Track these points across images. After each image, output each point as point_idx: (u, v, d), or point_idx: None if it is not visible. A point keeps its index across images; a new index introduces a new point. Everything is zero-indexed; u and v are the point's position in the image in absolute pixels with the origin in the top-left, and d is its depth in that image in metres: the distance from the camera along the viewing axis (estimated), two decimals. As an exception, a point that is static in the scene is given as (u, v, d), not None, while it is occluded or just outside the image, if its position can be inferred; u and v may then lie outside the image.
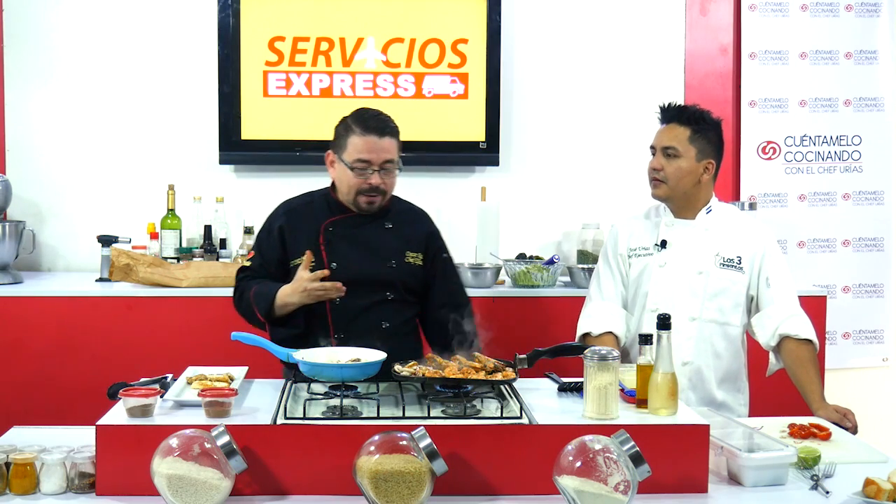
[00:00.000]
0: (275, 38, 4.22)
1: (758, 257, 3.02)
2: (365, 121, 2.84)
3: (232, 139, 4.22)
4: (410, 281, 2.93)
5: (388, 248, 2.91)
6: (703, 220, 3.05)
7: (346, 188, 2.87)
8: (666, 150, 2.99)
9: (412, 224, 2.99)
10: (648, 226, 3.11)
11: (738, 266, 3.00)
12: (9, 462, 2.14)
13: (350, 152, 2.83)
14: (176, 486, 2.01)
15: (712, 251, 3.01)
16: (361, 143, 2.82)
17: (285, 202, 3.03)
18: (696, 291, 2.99)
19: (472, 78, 4.28)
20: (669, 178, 3.00)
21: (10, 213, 4.18)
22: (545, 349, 2.61)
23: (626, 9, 4.42)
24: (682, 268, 3.01)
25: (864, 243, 4.50)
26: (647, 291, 3.03)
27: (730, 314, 3.01)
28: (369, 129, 2.82)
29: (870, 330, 4.50)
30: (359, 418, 2.23)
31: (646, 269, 3.05)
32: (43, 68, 4.25)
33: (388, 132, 2.84)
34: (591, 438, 2.03)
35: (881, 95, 4.48)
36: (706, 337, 2.99)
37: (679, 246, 3.03)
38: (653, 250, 3.05)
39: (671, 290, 3.00)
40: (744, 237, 3.04)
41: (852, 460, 2.40)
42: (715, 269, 3.00)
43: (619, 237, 3.13)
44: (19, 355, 3.72)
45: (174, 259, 4.08)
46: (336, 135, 2.91)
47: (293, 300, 2.78)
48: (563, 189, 4.42)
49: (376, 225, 2.93)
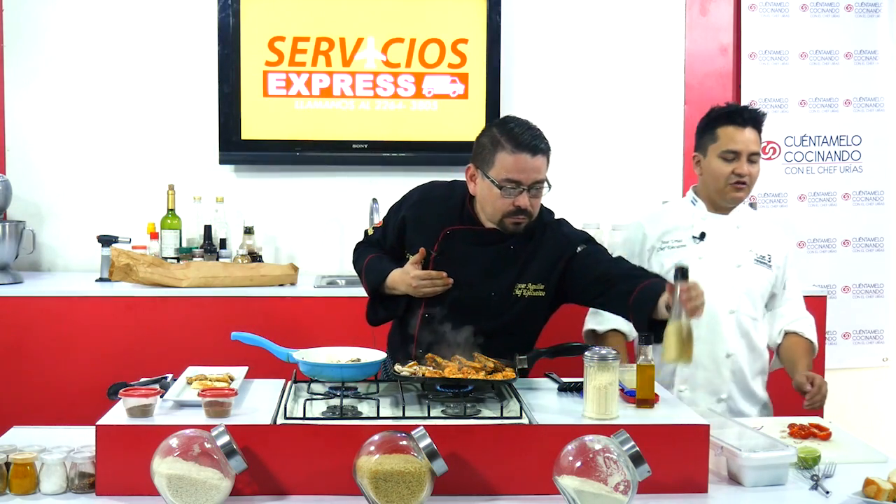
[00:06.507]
0: (275, 38, 4.22)
1: (783, 258, 3.05)
2: (517, 136, 2.56)
3: (232, 139, 4.22)
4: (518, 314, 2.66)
5: (498, 276, 2.65)
6: (735, 216, 3.05)
7: (491, 209, 2.62)
8: (752, 155, 2.96)
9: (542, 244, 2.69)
10: (679, 218, 3.07)
11: (768, 263, 3.03)
12: (9, 462, 2.14)
13: (498, 170, 2.56)
14: (176, 486, 2.01)
15: (746, 247, 3.02)
16: (512, 162, 2.54)
17: (425, 186, 2.84)
18: (735, 285, 2.98)
19: (472, 78, 4.28)
20: (752, 181, 2.99)
21: (10, 213, 4.18)
22: (545, 349, 2.61)
23: (626, 9, 4.42)
24: (721, 261, 3.00)
25: (864, 243, 4.50)
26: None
27: (759, 310, 3.04)
28: (521, 146, 2.54)
29: (870, 330, 4.50)
30: (359, 418, 2.23)
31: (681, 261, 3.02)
32: (43, 68, 4.25)
33: (540, 151, 2.56)
34: (591, 438, 2.03)
35: (881, 95, 4.48)
36: (745, 330, 3.00)
37: (716, 239, 3.02)
38: (687, 242, 3.02)
39: (712, 283, 2.90)
40: (771, 236, 3.08)
41: (852, 460, 2.40)
42: (750, 265, 3.01)
43: (648, 231, 3.08)
44: (19, 355, 3.72)
45: (174, 259, 4.08)
46: (479, 147, 2.63)
47: (399, 288, 2.69)
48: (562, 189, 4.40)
49: (497, 247, 2.66)
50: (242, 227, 4.23)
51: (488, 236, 2.68)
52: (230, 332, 2.62)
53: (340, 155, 4.25)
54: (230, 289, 3.81)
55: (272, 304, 3.79)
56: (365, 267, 2.81)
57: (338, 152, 4.25)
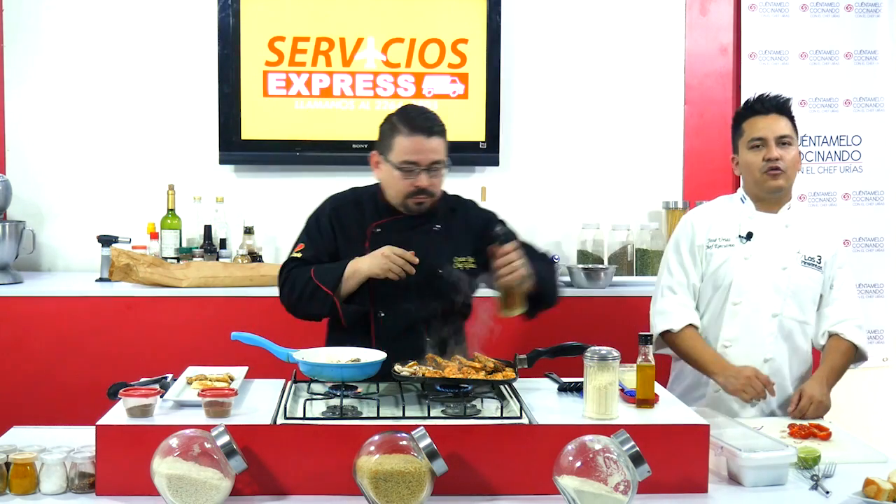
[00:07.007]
0: (275, 38, 4.22)
1: (832, 258, 2.98)
2: (411, 119, 2.72)
3: (232, 139, 4.22)
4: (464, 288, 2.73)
5: (436, 253, 2.77)
6: (784, 215, 2.98)
7: (394, 191, 2.76)
8: (781, 138, 2.90)
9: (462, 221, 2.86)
10: (728, 216, 3.01)
11: (817, 265, 2.95)
12: (9, 462, 2.14)
13: (397, 153, 2.71)
14: (176, 486, 2.01)
15: (794, 248, 2.95)
16: (408, 144, 2.70)
17: (332, 198, 2.91)
18: (780, 287, 2.92)
19: (472, 78, 4.28)
20: (788, 167, 2.92)
21: (10, 213, 4.18)
22: (545, 349, 2.61)
23: (626, 9, 4.42)
24: (767, 262, 2.93)
25: (864, 243, 4.50)
26: (729, 283, 2.93)
27: (808, 313, 2.96)
28: (416, 128, 2.70)
29: (870, 330, 4.46)
30: (359, 418, 2.23)
31: (727, 261, 2.95)
32: (43, 68, 4.25)
33: (435, 132, 2.72)
34: (591, 438, 2.03)
35: (881, 95, 4.47)
36: (787, 334, 2.93)
37: (763, 239, 2.96)
38: (735, 242, 2.96)
39: (756, 284, 2.92)
40: (822, 237, 3.00)
41: (852, 460, 2.40)
42: (797, 267, 2.94)
43: (697, 228, 3.02)
44: (19, 355, 3.72)
45: (174, 259, 4.08)
46: (381, 134, 2.78)
47: (363, 265, 2.68)
48: (562, 189, 4.42)
49: (425, 229, 2.81)
50: (242, 227, 4.23)
51: (413, 221, 2.81)
52: (230, 332, 2.62)
53: (340, 155, 4.25)
54: (230, 289, 3.81)
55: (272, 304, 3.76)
56: (315, 275, 2.74)
57: (338, 152, 4.25)
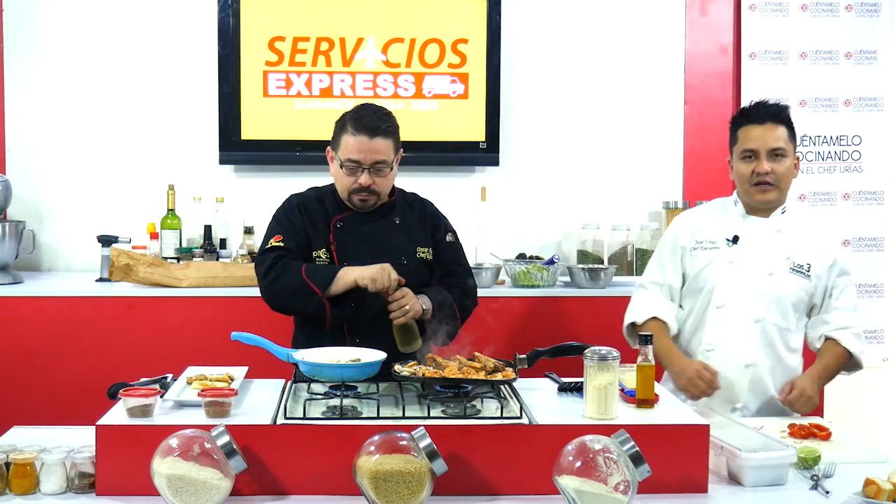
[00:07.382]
0: (275, 38, 4.22)
1: (826, 268, 2.92)
2: (359, 119, 2.79)
3: (232, 139, 4.22)
4: (423, 277, 2.87)
5: (399, 245, 2.86)
6: (776, 220, 2.94)
7: (340, 186, 2.86)
8: (774, 151, 2.86)
9: (418, 216, 2.95)
10: (717, 219, 2.99)
11: (806, 273, 2.89)
12: (9, 462, 2.14)
13: (342, 151, 2.80)
14: (176, 486, 2.01)
15: (783, 254, 2.90)
16: (352, 143, 2.78)
17: (294, 195, 2.96)
18: (764, 293, 2.88)
19: (472, 78, 4.28)
20: (781, 179, 2.88)
21: (10, 213, 4.18)
22: (545, 349, 2.61)
23: (626, 9, 4.42)
24: (752, 267, 2.90)
25: (864, 243, 4.50)
26: (712, 287, 2.91)
27: (791, 320, 2.91)
28: (361, 128, 2.77)
29: (870, 330, 4.49)
30: (359, 418, 2.23)
31: (711, 263, 2.92)
32: (43, 68, 4.26)
33: (380, 133, 2.77)
34: (591, 438, 2.03)
35: (881, 95, 4.48)
36: (769, 340, 2.89)
37: (750, 244, 2.92)
38: (721, 245, 2.93)
39: (739, 289, 2.89)
40: (815, 244, 2.94)
41: (852, 460, 2.40)
42: (784, 273, 2.89)
43: (683, 230, 3.00)
44: (19, 355, 3.72)
45: (174, 259, 4.08)
46: (334, 131, 2.87)
47: (354, 272, 2.69)
48: (563, 189, 4.42)
49: (386, 222, 2.89)
50: (242, 227, 4.23)
51: (373, 214, 2.88)
52: (230, 332, 2.61)
53: (340, 155, 4.25)
54: (230, 289, 3.81)
55: (272, 304, 3.79)
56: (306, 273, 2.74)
57: (338, 152, 4.25)
